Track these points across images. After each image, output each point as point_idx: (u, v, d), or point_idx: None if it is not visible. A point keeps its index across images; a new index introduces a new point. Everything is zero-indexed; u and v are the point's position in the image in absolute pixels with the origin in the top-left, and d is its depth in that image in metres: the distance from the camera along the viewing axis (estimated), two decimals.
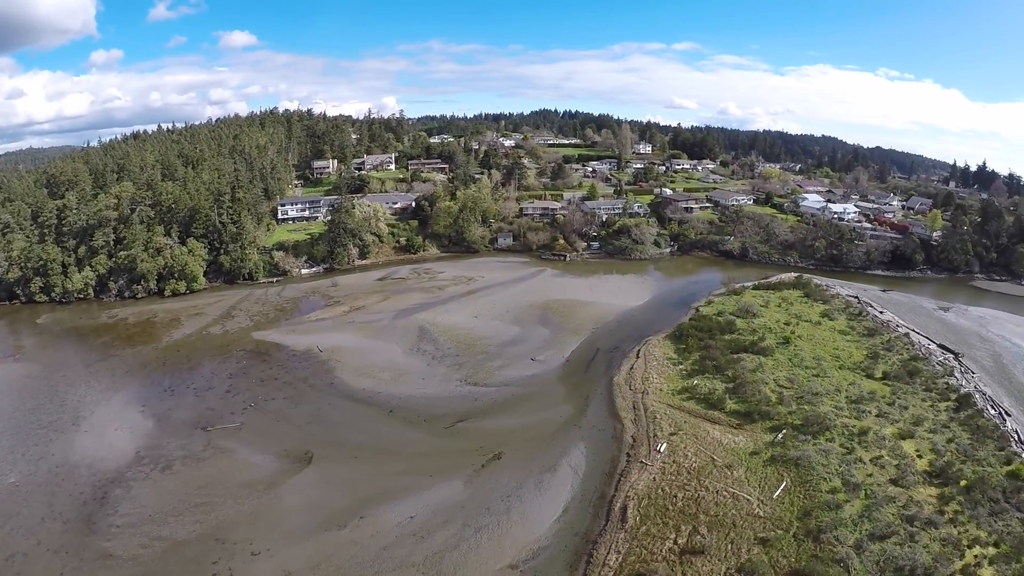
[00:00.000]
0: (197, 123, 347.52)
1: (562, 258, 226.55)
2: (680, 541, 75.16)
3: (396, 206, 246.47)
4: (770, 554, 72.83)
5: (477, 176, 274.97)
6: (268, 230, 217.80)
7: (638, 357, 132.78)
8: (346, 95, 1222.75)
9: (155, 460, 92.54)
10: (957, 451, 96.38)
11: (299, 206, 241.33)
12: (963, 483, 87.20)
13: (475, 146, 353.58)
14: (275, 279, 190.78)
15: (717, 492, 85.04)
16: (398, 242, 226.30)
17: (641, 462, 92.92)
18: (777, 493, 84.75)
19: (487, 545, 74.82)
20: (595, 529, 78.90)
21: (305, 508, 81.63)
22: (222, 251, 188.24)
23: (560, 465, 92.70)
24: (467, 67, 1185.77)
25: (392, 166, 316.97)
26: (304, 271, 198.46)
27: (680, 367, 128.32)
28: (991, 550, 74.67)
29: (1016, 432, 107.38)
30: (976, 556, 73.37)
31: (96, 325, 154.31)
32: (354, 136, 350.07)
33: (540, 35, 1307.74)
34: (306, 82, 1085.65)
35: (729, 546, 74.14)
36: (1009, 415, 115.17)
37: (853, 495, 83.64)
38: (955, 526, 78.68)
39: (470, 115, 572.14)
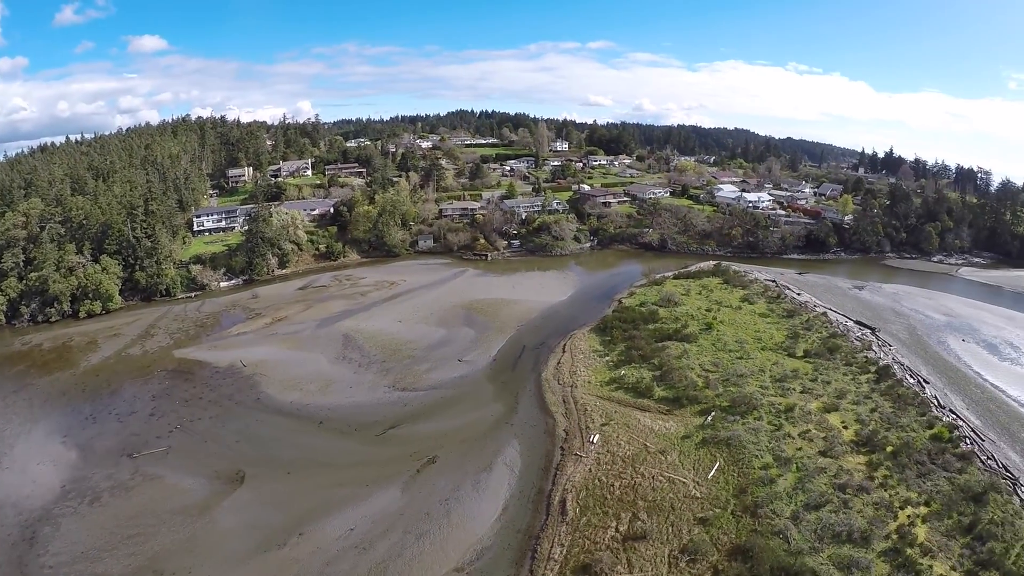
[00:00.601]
0: (107, 133, 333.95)
1: (483, 257, 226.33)
2: (622, 528, 76.21)
3: (314, 213, 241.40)
4: (711, 532, 74.65)
5: (395, 179, 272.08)
6: (184, 243, 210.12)
7: (564, 352, 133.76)
8: (260, 100, 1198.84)
9: (82, 493, 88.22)
10: (881, 420, 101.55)
11: (215, 217, 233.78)
12: (889, 449, 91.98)
13: (392, 149, 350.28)
14: (194, 294, 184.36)
15: (653, 478, 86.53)
16: (318, 249, 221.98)
17: (576, 454, 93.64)
18: (712, 473, 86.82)
19: (430, 551, 74.17)
20: (536, 524, 79.17)
21: (242, 530, 79.28)
22: (137, 267, 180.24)
23: (495, 464, 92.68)
24: (383, 69, 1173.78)
25: (309, 172, 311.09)
26: (223, 284, 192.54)
27: (606, 359, 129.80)
28: (923, 509, 79.24)
29: (935, 398, 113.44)
30: (909, 516, 77.55)
31: (9, 353, 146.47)
32: (269, 142, 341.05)
33: (456, 36, 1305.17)
34: (219, 88, 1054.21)
35: (670, 529, 75.62)
36: (927, 382, 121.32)
37: (785, 469, 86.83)
38: (886, 490, 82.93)
39: (387, 118, 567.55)
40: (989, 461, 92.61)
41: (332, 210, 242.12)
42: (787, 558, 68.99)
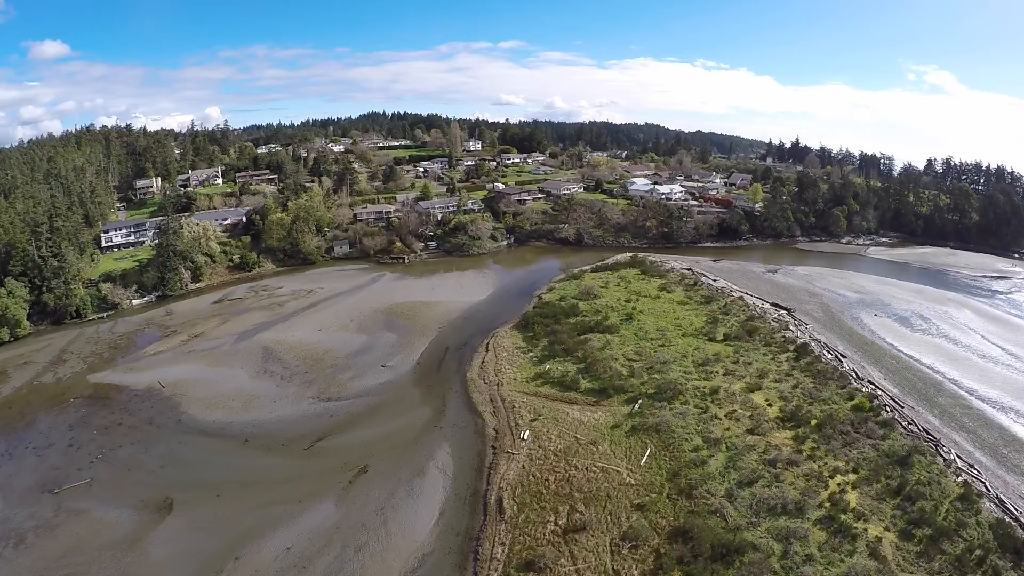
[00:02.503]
0: (8, 146, 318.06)
1: (401, 261, 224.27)
2: (561, 522, 76.58)
3: (226, 222, 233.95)
4: (649, 517, 75.92)
5: (308, 184, 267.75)
6: (93, 260, 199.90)
7: (488, 350, 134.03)
8: (167, 107, 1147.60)
9: (4, 536, 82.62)
10: (803, 395, 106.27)
11: (124, 231, 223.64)
12: (814, 422, 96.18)
13: (304, 154, 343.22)
14: (105, 314, 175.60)
15: (587, 469, 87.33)
16: (232, 261, 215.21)
17: (508, 452, 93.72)
18: (644, 460, 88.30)
19: (371, 563, 72.91)
20: (475, 526, 78.83)
21: (176, 560, 76.05)
22: (44, 289, 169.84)
23: (428, 468, 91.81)
24: (293, 72, 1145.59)
25: (219, 180, 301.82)
26: (136, 302, 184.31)
27: (530, 354, 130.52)
28: (852, 476, 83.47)
29: (854, 371, 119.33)
30: (839, 484, 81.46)
31: None
32: (177, 151, 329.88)
33: (367, 37, 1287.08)
34: (124, 95, 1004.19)
35: (608, 518, 76.48)
36: (845, 357, 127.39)
37: (715, 450, 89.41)
38: (814, 461, 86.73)
39: (298, 122, 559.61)
40: (910, 426, 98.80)
41: (245, 219, 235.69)
42: (726, 535, 70.99)
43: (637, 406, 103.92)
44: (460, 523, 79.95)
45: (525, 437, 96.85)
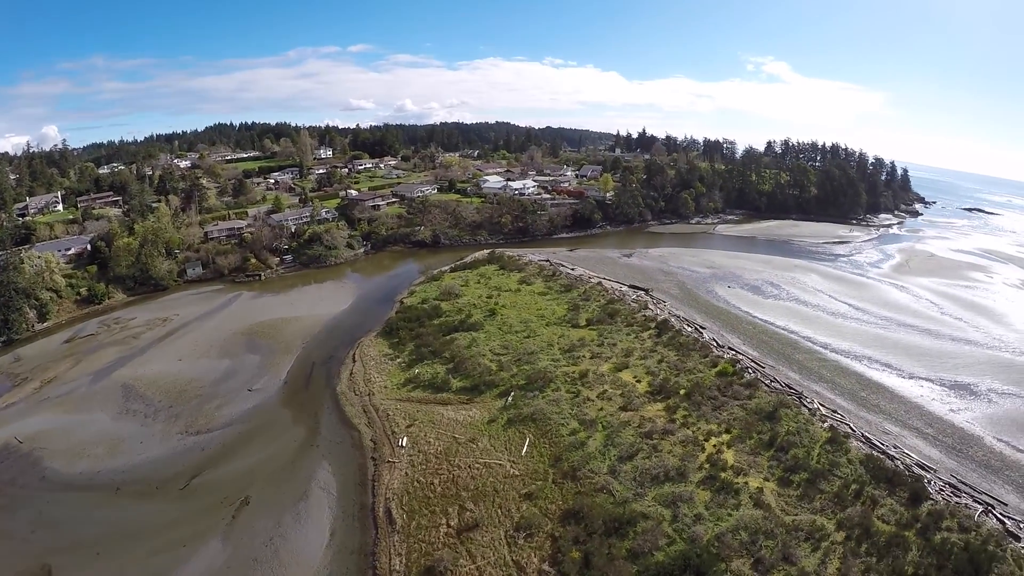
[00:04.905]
0: None
1: (257, 278, 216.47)
2: (453, 523, 76.81)
3: (70, 252, 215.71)
4: (539, 505, 77.59)
5: (154, 204, 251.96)
6: None
7: (355, 361, 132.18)
8: (0, 128, 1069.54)
9: None
10: (669, 368, 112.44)
11: None
12: (683, 392, 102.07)
13: (149, 172, 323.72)
14: None
15: (470, 467, 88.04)
16: (79, 294, 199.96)
17: (388, 461, 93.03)
18: (524, 450, 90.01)
19: None
20: (369, 541, 77.79)
21: None
22: None
23: (311, 490, 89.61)
24: (136, 84, 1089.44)
25: (60, 206, 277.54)
26: None
27: (398, 360, 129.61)
28: (725, 436, 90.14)
29: (714, 340, 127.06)
30: (715, 445, 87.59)
31: None
32: (13, 176, 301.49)
33: (213, 44, 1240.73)
34: None
35: (499, 511, 77.49)
36: (704, 328, 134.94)
37: (592, 430, 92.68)
38: (688, 428, 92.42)
39: (141, 138, 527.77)
40: (773, 383, 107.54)
41: (89, 247, 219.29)
42: (616, 509, 74.09)
43: (510, 399, 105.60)
44: (353, 540, 78.61)
45: (404, 444, 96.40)
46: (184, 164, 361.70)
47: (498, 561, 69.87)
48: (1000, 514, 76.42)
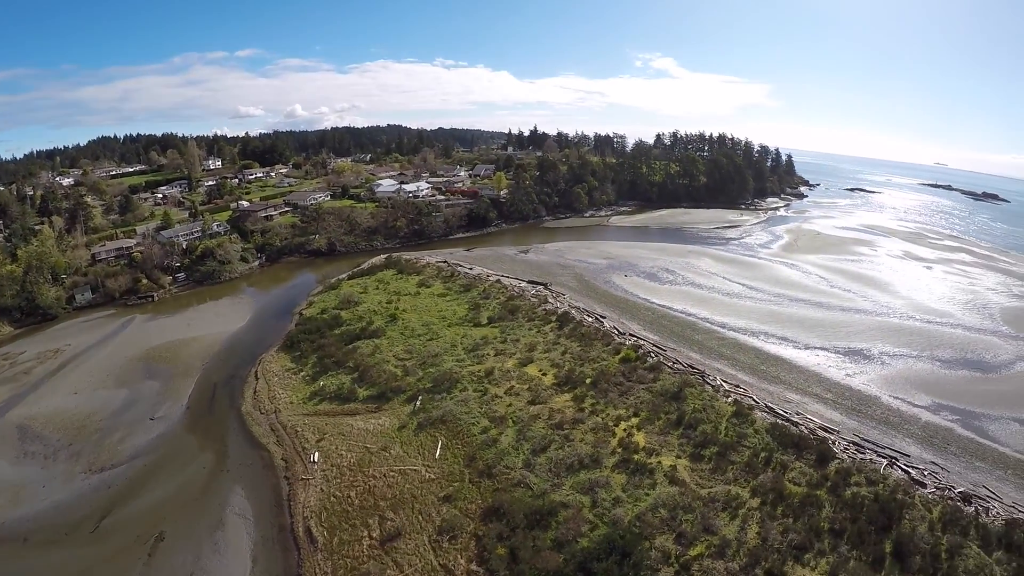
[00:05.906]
0: None
1: (150, 299, 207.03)
2: (375, 534, 75.67)
3: None
4: (458, 506, 77.47)
5: (37, 227, 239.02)
6: None
7: (258, 379, 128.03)
8: None
9: None
10: (573, 359, 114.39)
11: None
12: (588, 381, 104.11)
13: (30, 191, 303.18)
14: None
15: (385, 476, 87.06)
16: None
17: (302, 479, 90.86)
18: (438, 453, 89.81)
19: None
20: (292, 563, 75.52)
21: None
22: None
23: (227, 517, 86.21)
24: (12, 97, 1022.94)
25: None
26: None
27: (302, 374, 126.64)
28: (634, 420, 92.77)
29: (615, 328, 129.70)
30: (625, 429, 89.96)
31: None
32: None
33: (94, 50, 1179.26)
34: None
35: (420, 517, 76.83)
36: (604, 317, 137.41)
37: (503, 427, 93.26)
38: (597, 415, 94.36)
39: (20, 155, 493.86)
40: (676, 365, 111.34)
41: None
42: (535, 501, 74.86)
43: (418, 403, 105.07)
44: (276, 565, 76.14)
45: (316, 459, 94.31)
46: (67, 182, 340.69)
47: (425, 567, 69.32)
48: (904, 465, 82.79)
